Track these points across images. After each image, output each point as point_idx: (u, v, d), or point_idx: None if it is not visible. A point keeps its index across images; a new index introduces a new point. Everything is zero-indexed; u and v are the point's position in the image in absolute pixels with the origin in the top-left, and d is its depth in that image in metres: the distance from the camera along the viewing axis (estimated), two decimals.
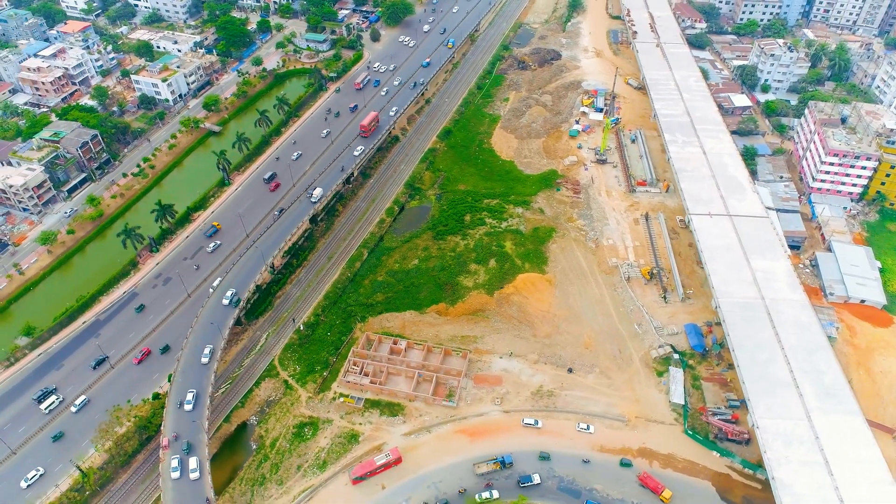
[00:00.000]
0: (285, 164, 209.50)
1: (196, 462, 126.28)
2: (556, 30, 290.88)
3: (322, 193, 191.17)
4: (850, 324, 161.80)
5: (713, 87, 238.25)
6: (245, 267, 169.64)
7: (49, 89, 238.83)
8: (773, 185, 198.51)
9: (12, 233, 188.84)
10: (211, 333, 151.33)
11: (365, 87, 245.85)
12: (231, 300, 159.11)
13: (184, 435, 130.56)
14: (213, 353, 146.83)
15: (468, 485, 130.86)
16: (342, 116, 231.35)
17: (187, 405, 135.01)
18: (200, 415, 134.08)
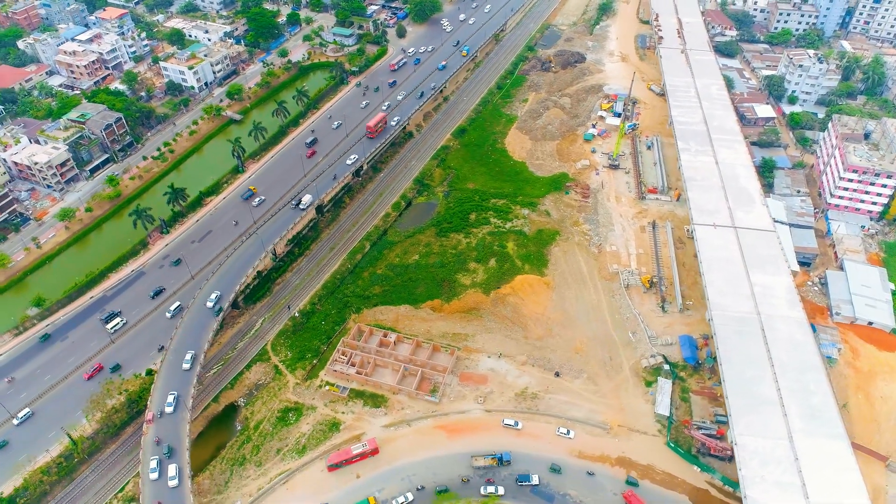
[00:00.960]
0: (324, 132, 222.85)
1: (175, 469, 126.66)
2: (583, 32, 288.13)
3: (311, 201, 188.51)
4: (855, 346, 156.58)
5: (737, 96, 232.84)
6: (244, 255, 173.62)
7: (83, 73, 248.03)
8: (788, 199, 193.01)
9: (35, 208, 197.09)
10: (194, 338, 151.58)
11: (400, 69, 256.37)
12: (214, 305, 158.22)
13: (166, 438, 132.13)
14: (196, 358, 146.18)
15: (442, 480, 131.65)
16: (381, 91, 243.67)
17: (168, 407, 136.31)
18: (182, 418, 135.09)
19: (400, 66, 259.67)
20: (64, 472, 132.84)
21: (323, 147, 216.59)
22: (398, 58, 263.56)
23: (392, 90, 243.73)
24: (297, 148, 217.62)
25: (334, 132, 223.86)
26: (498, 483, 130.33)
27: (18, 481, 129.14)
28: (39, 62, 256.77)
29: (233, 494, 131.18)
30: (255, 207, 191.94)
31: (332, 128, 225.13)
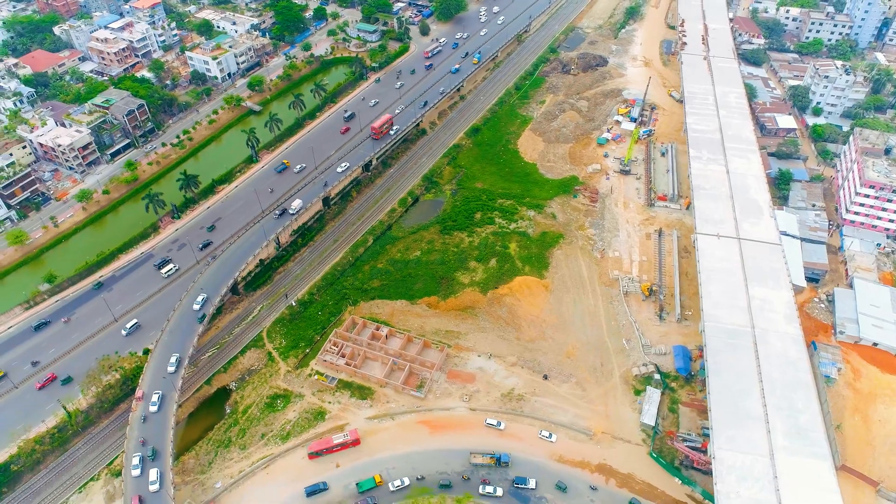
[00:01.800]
0: (360, 110, 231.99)
1: (157, 474, 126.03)
2: (607, 36, 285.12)
3: (301, 206, 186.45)
4: (857, 366, 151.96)
5: (759, 105, 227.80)
6: (246, 243, 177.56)
7: (113, 60, 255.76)
8: (802, 213, 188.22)
9: (56, 188, 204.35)
10: (180, 340, 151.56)
11: (434, 57, 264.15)
12: (200, 308, 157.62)
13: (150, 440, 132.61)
14: (181, 361, 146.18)
15: (424, 472, 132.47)
16: (417, 73, 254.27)
17: (152, 406, 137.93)
18: (166, 420, 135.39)
19: (434, 53, 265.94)
20: (57, 442, 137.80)
21: (354, 127, 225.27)
22: (432, 46, 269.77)
23: (427, 73, 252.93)
24: (310, 140, 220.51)
25: (370, 109, 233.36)
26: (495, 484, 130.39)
27: (13, 449, 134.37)
28: (73, 48, 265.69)
29: (215, 475, 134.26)
30: (283, 178, 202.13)
31: (368, 105, 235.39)
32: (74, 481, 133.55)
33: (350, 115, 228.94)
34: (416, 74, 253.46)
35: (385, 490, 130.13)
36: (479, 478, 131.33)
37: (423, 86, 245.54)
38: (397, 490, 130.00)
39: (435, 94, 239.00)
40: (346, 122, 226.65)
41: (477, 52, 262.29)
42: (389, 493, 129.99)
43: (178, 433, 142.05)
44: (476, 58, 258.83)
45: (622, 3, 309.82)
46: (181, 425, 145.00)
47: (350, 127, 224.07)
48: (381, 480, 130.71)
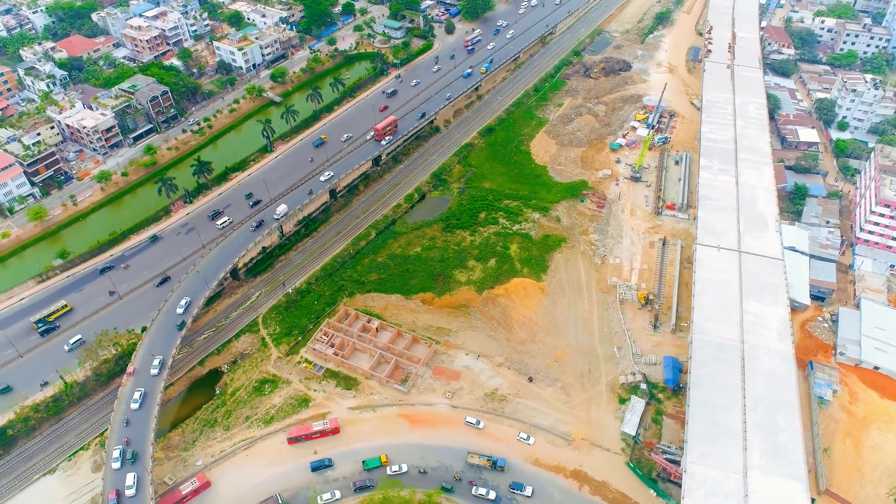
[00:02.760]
0: (404, 89, 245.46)
1: (133, 479, 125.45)
2: (634, 41, 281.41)
3: (286, 210, 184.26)
4: (854, 389, 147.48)
5: (782, 117, 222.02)
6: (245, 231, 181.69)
7: (145, 47, 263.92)
8: (815, 230, 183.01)
9: (79, 168, 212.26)
10: (163, 343, 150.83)
11: (474, 45, 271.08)
12: (183, 313, 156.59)
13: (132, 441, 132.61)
14: (164, 363, 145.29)
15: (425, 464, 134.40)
16: (456, 58, 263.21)
17: (133, 403, 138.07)
18: (148, 425, 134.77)
19: (474, 42, 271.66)
20: (53, 411, 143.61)
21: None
22: (471, 35, 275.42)
23: (468, 58, 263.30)
24: (327, 132, 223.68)
25: (412, 88, 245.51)
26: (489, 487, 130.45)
27: (11, 415, 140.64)
28: (108, 34, 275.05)
29: (197, 453, 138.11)
30: (320, 152, 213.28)
31: (410, 85, 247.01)
32: (65, 449, 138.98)
33: (393, 92, 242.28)
34: (438, 71, 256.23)
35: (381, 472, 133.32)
36: (467, 479, 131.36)
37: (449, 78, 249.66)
38: (395, 475, 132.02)
39: (455, 91, 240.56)
40: (389, 98, 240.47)
41: (486, 62, 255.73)
42: (387, 476, 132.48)
43: (169, 410, 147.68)
44: (484, 67, 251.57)
45: (653, 8, 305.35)
46: (172, 402, 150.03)
47: (388, 105, 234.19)
48: (387, 461, 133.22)
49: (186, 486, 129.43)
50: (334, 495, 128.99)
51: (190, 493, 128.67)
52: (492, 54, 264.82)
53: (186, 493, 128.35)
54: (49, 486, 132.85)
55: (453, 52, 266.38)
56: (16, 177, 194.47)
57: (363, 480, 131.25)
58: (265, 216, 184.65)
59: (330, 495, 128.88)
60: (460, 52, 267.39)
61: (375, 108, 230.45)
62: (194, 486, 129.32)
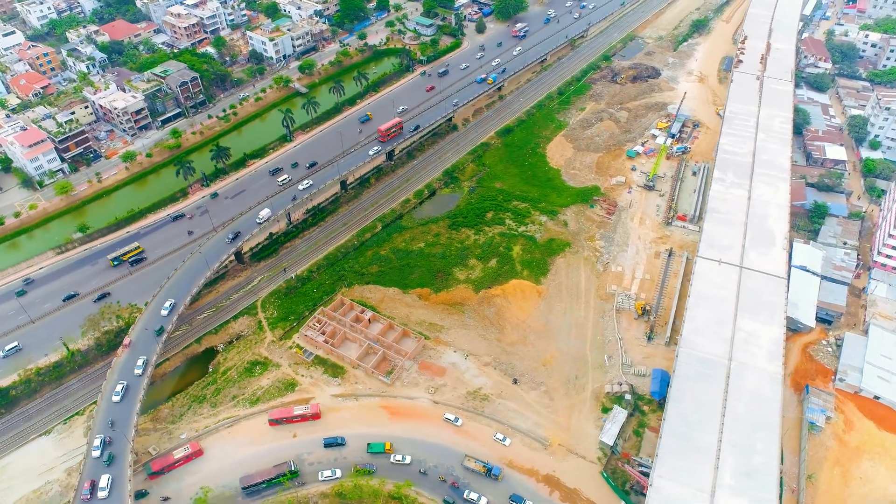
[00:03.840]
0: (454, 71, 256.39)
1: (108, 480, 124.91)
2: (666, 48, 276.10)
3: (269, 215, 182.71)
4: (850, 417, 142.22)
5: (811, 132, 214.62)
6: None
7: (183, 34, 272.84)
8: (830, 250, 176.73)
9: (108, 147, 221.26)
10: (146, 345, 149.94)
11: (522, 36, 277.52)
12: (168, 314, 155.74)
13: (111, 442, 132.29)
14: (147, 364, 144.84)
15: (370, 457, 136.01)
16: (505, 46, 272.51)
17: (116, 396, 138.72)
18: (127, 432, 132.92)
19: (523, 33, 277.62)
20: (54, 376, 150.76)
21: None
22: (520, 25, 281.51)
23: (513, 45, 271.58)
24: (348, 126, 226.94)
25: (461, 71, 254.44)
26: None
27: (15, 377, 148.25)
28: (150, 20, 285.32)
29: (183, 426, 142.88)
30: (367, 127, 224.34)
31: (459, 68, 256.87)
32: (62, 413, 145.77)
33: (444, 72, 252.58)
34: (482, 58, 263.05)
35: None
36: (450, 481, 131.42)
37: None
38: (398, 464, 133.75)
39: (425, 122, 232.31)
40: (440, 76, 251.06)
41: (494, 74, 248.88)
42: (389, 465, 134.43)
43: (163, 384, 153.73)
44: (492, 78, 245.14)
45: (690, 16, 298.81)
46: (167, 377, 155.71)
47: (435, 86, 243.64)
48: (391, 449, 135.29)
49: (179, 452, 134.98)
50: (335, 473, 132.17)
51: (182, 458, 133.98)
52: (536, 45, 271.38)
53: (179, 458, 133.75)
54: (43, 446, 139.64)
55: (500, 41, 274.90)
56: (47, 152, 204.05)
57: (364, 464, 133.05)
58: (242, 227, 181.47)
59: (331, 472, 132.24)
60: (491, 50, 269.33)
61: (422, 89, 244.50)
62: (186, 453, 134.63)
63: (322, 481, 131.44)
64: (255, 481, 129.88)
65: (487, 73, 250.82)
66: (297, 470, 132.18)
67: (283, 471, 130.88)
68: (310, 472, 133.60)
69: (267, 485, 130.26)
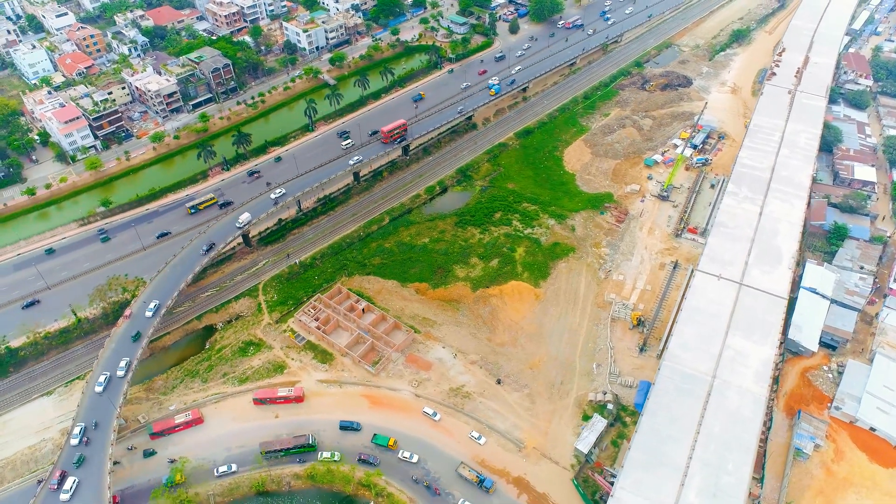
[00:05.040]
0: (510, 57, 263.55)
1: (72, 483, 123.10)
2: (702, 57, 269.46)
3: (248, 219, 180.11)
4: (842, 447, 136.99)
5: (841, 151, 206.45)
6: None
7: (223, 22, 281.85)
8: (845, 274, 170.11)
9: (139, 127, 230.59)
10: (128, 347, 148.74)
11: (572, 29, 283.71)
12: (153, 315, 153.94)
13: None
14: (129, 365, 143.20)
15: (348, 444, 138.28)
16: (560, 37, 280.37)
17: (99, 388, 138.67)
18: (104, 448, 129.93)
19: (575, 24, 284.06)
20: (61, 341, 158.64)
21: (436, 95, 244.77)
22: (573, 18, 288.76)
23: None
24: (371, 118, 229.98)
25: (496, 64, 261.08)
26: None
27: (24, 339, 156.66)
28: (194, 7, 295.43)
29: (174, 398, 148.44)
30: (418, 110, 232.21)
31: (516, 55, 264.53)
32: (65, 376, 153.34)
33: (501, 56, 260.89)
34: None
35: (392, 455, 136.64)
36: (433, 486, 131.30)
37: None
38: (404, 461, 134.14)
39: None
40: (498, 61, 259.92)
41: (497, 84, 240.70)
42: (397, 461, 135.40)
43: (161, 357, 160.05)
44: (495, 89, 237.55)
45: (732, 25, 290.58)
46: (165, 351, 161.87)
47: (487, 70, 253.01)
48: (395, 445, 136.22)
49: (180, 417, 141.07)
50: (333, 455, 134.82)
51: (182, 423, 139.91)
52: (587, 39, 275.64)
53: (179, 423, 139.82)
54: (43, 406, 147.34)
55: (553, 33, 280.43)
56: (81, 129, 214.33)
57: (366, 456, 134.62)
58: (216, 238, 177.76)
59: (329, 454, 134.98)
60: (539, 42, 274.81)
61: (476, 71, 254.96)
62: (187, 419, 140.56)
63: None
64: (275, 448, 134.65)
65: (501, 80, 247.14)
66: (314, 444, 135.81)
67: (302, 443, 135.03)
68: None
69: (285, 453, 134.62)
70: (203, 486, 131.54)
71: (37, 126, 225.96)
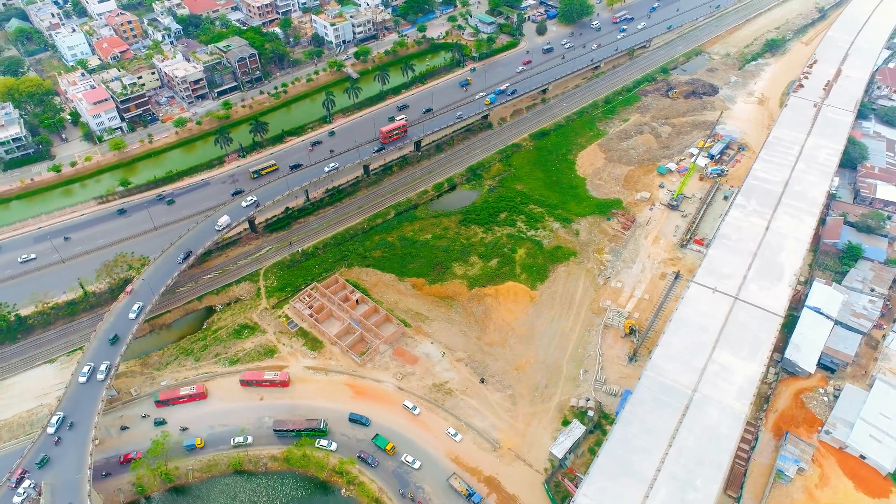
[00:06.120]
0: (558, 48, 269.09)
1: (27, 486, 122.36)
2: (732, 65, 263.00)
3: (227, 222, 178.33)
4: (828, 473, 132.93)
5: (865, 168, 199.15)
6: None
7: (256, 13, 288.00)
8: (854, 295, 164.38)
9: (166, 112, 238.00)
10: (108, 350, 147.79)
11: (620, 23, 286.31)
12: (136, 317, 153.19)
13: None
14: (109, 370, 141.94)
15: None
16: (607, 30, 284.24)
17: (84, 381, 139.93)
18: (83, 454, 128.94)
19: (622, 19, 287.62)
20: (68, 312, 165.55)
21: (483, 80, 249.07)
22: (621, 13, 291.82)
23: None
24: (389, 113, 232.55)
25: (543, 55, 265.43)
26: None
27: (32, 308, 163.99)
28: None
29: (167, 374, 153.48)
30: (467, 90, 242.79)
31: (563, 46, 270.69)
32: (68, 346, 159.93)
33: (549, 48, 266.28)
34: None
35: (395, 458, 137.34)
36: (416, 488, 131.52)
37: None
38: (408, 466, 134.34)
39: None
40: (546, 52, 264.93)
41: (491, 94, 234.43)
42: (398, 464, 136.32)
43: (160, 333, 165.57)
44: (490, 99, 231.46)
45: (768, 34, 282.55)
46: (165, 328, 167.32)
47: (531, 60, 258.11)
48: (393, 450, 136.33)
49: (185, 390, 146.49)
50: (330, 445, 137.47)
51: (185, 396, 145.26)
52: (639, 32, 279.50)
53: (182, 395, 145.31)
54: (45, 373, 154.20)
55: (607, 27, 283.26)
56: (109, 111, 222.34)
57: (366, 454, 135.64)
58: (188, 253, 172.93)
59: (327, 442, 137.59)
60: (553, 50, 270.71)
61: (519, 63, 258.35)
62: (191, 392, 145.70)
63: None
64: (287, 427, 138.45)
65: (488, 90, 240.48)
66: (325, 429, 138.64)
67: (314, 426, 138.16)
68: (267, 435, 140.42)
69: (296, 434, 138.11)
70: (181, 460, 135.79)
71: (69, 106, 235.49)
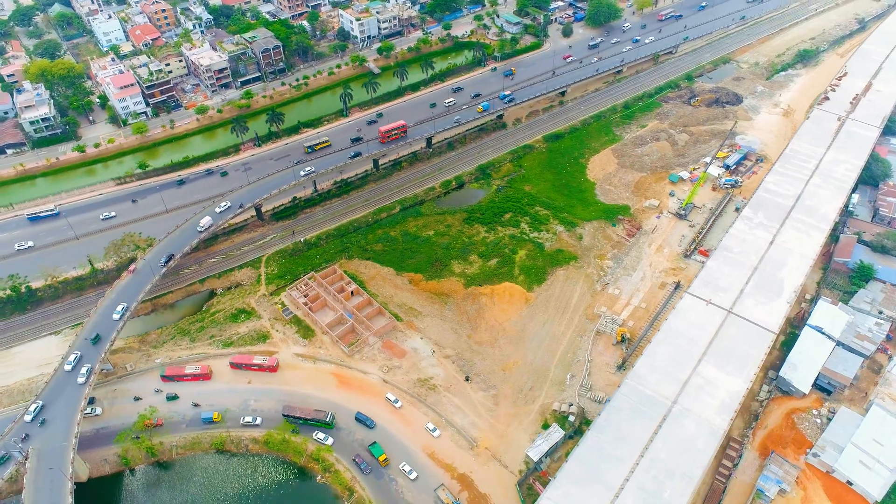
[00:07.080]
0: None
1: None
2: (760, 75, 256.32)
3: (210, 223, 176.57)
4: (811, 497, 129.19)
5: (887, 186, 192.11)
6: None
7: (286, 6, 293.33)
8: (860, 317, 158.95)
9: (190, 99, 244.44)
10: (92, 349, 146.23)
11: (666, 20, 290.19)
12: (120, 317, 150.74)
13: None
14: (90, 371, 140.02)
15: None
16: (653, 28, 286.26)
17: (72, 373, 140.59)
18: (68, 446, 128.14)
19: (667, 17, 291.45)
20: (76, 287, 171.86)
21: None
22: (667, 10, 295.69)
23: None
24: (406, 109, 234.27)
25: (588, 49, 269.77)
26: None
27: (42, 282, 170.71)
28: None
29: (162, 353, 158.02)
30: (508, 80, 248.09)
31: (611, 42, 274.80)
32: (74, 319, 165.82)
33: (594, 44, 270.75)
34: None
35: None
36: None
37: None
38: (402, 475, 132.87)
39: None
40: (591, 48, 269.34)
41: (486, 102, 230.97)
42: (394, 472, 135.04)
43: (161, 313, 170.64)
44: (483, 107, 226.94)
45: (801, 45, 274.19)
46: (165, 309, 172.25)
47: (572, 55, 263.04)
48: (386, 462, 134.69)
49: (190, 368, 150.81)
50: (327, 439, 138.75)
51: (190, 374, 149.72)
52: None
53: (187, 373, 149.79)
54: (49, 344, 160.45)
55: (644, 24, 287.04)
56: (134, 95, 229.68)
57: (361, 459, 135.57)
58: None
59: (323, 436, 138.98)
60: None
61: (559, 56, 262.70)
62: (196, 371, 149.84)
63: None
64: (295, 413, 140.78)
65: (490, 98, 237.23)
66: (332, 423, 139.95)
67: (320, 417, 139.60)
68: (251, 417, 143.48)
69: (304, 422, 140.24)
70: (167, 436, 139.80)
71: (99, 90, 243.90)
